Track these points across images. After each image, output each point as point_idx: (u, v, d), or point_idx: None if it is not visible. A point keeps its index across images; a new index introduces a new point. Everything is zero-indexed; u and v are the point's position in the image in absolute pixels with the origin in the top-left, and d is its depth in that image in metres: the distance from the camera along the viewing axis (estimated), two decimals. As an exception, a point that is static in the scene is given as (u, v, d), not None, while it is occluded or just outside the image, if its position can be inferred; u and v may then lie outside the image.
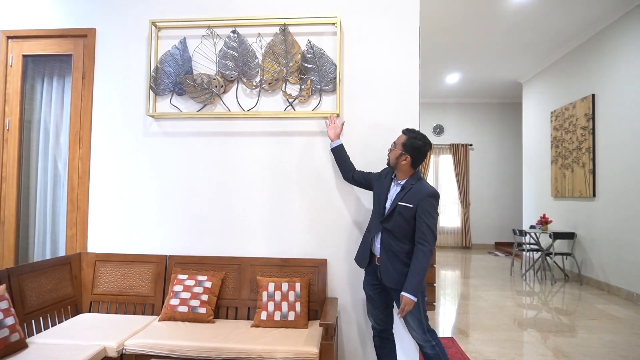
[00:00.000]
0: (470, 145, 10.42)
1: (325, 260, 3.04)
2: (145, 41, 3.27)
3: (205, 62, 3.20)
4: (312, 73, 3.11)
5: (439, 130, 10.53)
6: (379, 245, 2.51)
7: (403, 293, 2.30)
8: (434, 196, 2.41)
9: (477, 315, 4.63)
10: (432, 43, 6.68)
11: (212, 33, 3.18)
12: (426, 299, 2.53)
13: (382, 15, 3.13)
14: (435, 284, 5.04)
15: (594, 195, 5.99)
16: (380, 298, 2.61)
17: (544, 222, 6.65)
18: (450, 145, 10.40)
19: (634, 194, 5.22)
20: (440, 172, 10.51)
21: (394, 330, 2.76)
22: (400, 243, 2.42)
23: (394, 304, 2.67)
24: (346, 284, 3.07)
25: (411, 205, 2.38)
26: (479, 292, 5.78)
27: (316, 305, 2.93)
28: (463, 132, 10.49)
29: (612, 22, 5.63)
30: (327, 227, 3.10)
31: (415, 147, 2.48)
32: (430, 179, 10.45)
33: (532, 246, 7.14)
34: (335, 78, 3.06)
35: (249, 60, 3.15)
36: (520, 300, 5.28)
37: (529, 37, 6.40)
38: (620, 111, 5.50)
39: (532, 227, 7.14)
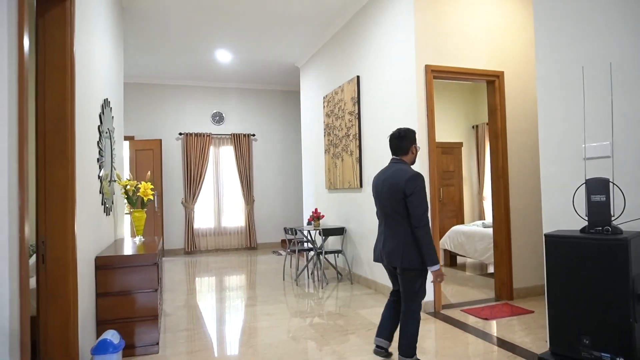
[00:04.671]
0: (253, 135, 9.50)
1: None
2: None
3: None
4: None
5: (218, 118, 9.31)
6: None
7: None
8: None
9: (206, 354, 3.47)
10: (183, 10, 5.33)
11: None
12: None
13: None
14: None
15: (361, 185, 5.53)
16: None
17: (315, 217, 5.99)
18: (231, 135, 9.29)
19: (395, 183, 4.81)
20: (221, 166, 9.30)
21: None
22: None
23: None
24: None
25: None
26: (234, 312, 4.71)
27: None
28: (245, 121, 9.51)
29: (373, -3, 5.16)
30: None
31: None
32: (209, 174, 9.17)
33: (307, 245, 6.47)
34: None
35: None
36: (282, 316, 4.36)
37: (294, 12, 5.62)
38: (381, 94, 5.07)
39: (309, 223, 6.49)
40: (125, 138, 8.57)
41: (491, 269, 6.43)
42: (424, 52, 4.42)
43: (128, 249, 3.68)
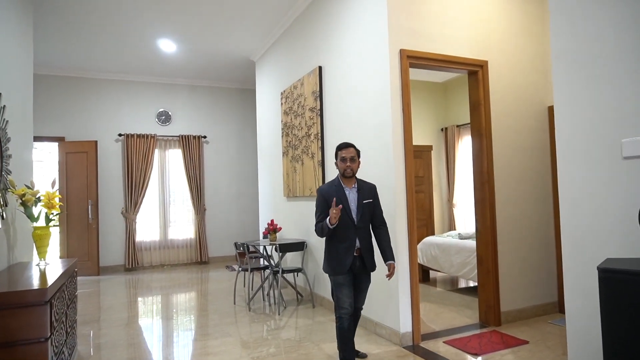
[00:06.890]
0: (204, 137, 8.57)
1: None
2: None
3: None
4: None
5: (164, 118, 8.32)
6: (358, 244, 2.93)
7: (391, 262, 2.96)
8: None
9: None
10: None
11: None
12: None
13: None
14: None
15: (324, 193, 4.76)
16: (351, 284, 2.96)
17: (272, 230, 5.18)
18: (179, 137, 8.32)
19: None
20: (167, 171, 8.30)
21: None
22: (368, 235, 3.00)
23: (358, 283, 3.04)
24: None
25: (371, 200, 3.00)
26: (168, 351, 3.81)
27: None
28: (195, 122, 8.56)
29: (338, -26, 4.44)
30: None
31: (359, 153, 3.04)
32: (154, 180, 8.15)
33: (263, 262, 5.64)
34: None
35: None
36: (228, 356, 3.50)
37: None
38: (347, 86, 4.34)
39: (265, 236, 5.67)
40: (54, 139, 7.48)
41: (464, 284, 5.83)
42: (399, 34, 3.72)
43: (12, 282, 2.74)
